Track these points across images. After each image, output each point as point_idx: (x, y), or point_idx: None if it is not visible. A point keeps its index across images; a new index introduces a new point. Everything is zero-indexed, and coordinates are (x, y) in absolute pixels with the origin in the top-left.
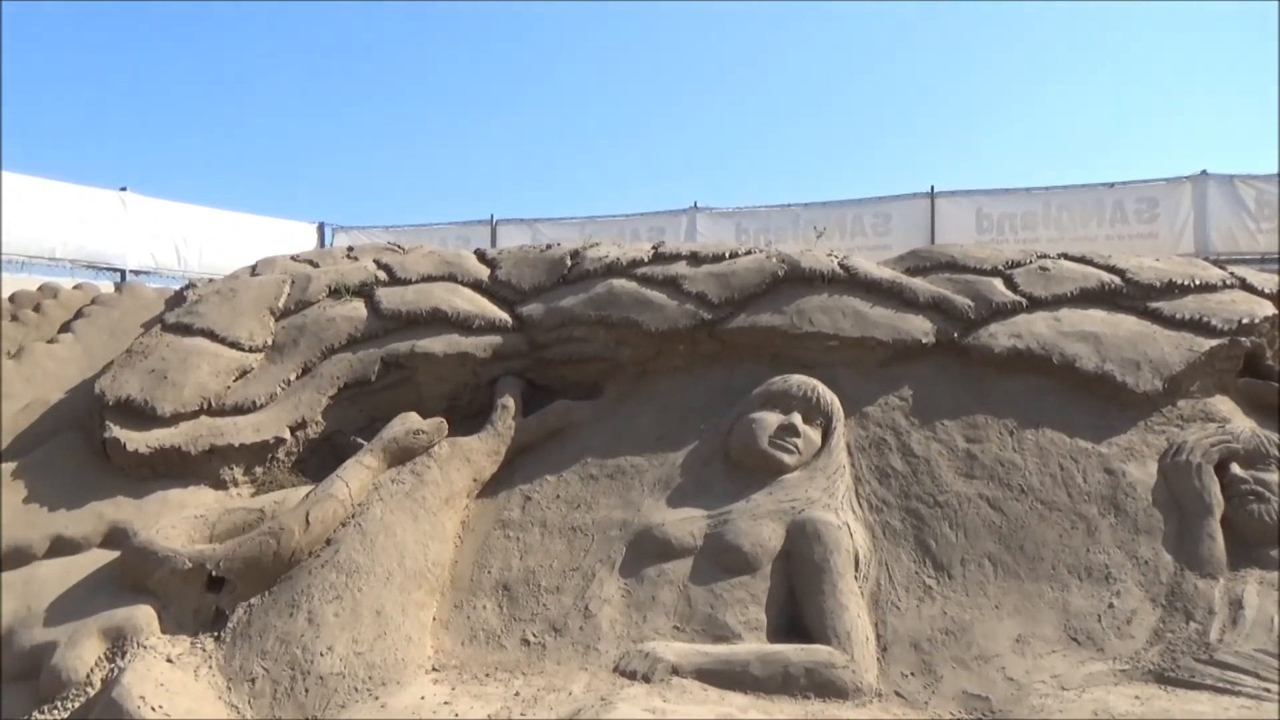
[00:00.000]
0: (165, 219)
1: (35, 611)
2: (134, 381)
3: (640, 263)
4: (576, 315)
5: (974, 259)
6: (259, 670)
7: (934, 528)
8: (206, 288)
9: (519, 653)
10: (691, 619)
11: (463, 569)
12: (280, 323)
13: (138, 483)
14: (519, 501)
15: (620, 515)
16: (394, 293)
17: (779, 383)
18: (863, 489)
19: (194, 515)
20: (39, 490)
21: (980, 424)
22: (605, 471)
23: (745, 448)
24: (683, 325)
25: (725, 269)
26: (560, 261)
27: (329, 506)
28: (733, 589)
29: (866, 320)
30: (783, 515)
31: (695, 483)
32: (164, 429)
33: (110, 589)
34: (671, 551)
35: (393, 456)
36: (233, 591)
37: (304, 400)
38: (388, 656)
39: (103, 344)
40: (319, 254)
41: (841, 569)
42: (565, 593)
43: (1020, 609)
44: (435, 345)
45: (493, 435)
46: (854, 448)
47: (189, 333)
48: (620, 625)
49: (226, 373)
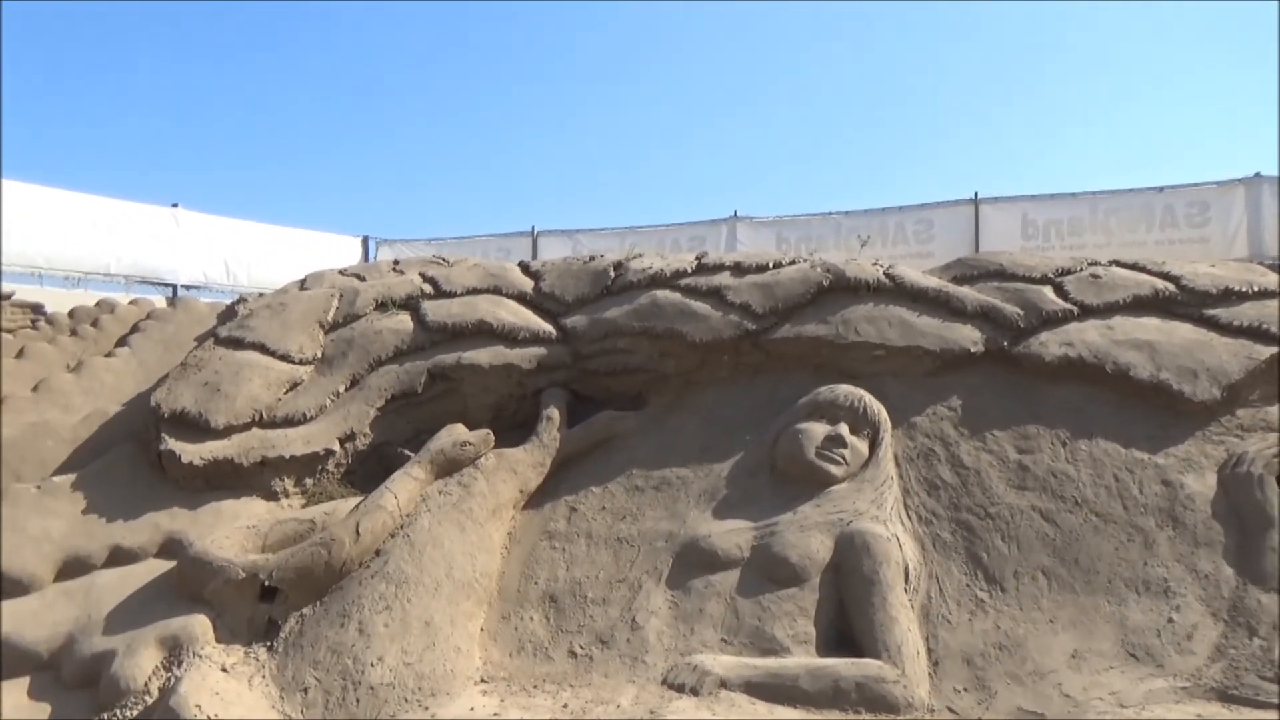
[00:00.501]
0: (215, 235)
1: (95, 620)
2: (188, 394)
3: (683, 273)
4: (620, 326)
5: (1023, 266)
6: (311, 680)
7: (985, 540)
8: (257, 302)
9: (566, 664)
10: (739, 631)
11: (509, 580)
12: (329, 336)
13: (192, 494)
14: (565, 513)
15: (666, 527)
16: (440, 305)
17: (825, 393)
18: (911, 500)
19: (246, 526)
20: (98, 501)
21: (1032, 434)
22: (650, 483)
23: (792, 459)
24: (727, 336)
25: (769, 279)
26: (604, 273)
27: (378, 518)
28: (781, 601)
29: (913, 330)
30: (831, 527)
31: (741, 494)
32: (217, 441)
33: (167, 598)
34: (718, 563)
35: (440, 468)
36: (285, 601)
37: (352, 412)
38: (437, 667)
39: (158, 358)
40: (366, 268)
41: (891, 582)
42: (612, 604)
43: (1076, 623)
44: (481, 357)
45: (538, 447)
46: (902, 459)
47: (241, 346)
48: (667, 637)
49: (277, 385)
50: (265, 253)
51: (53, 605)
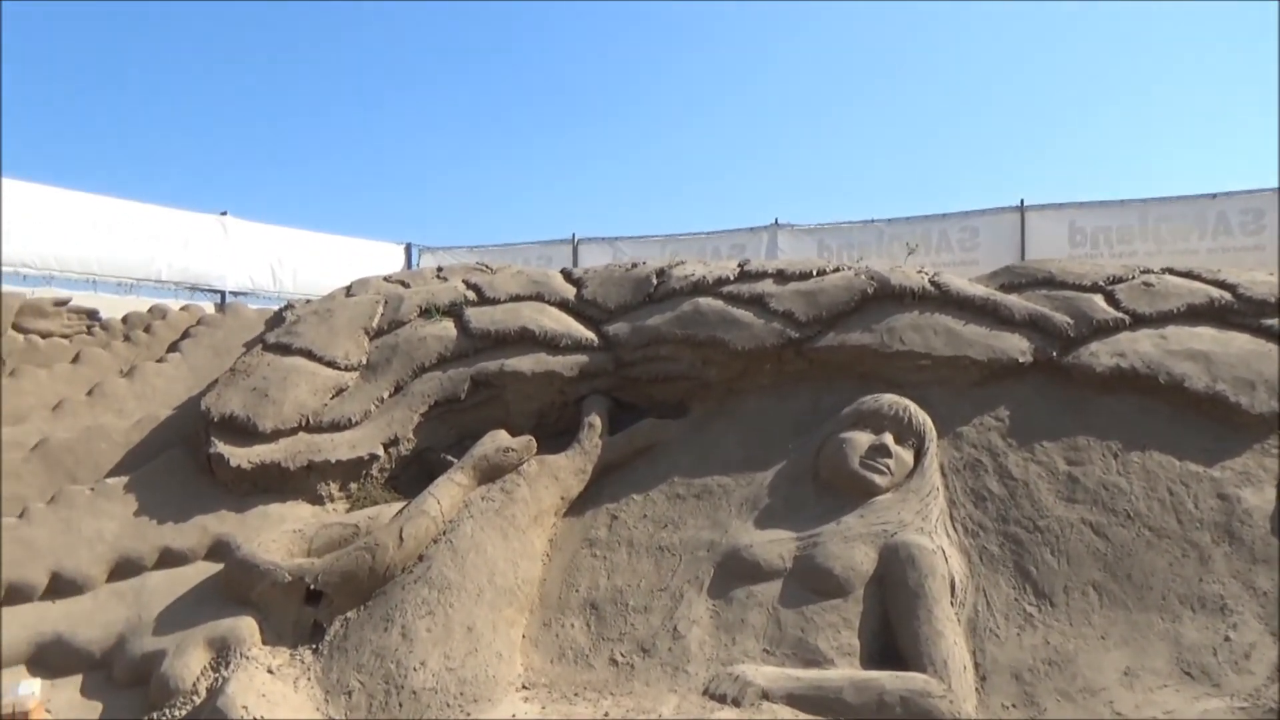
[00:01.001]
0: (262, 242)
1: (145, 620)
2: (237, 399)
3: (726, 281)
4: (662, 334)
5: (1073, 275)
6: (355, 684)
7: (1034, 553)
8: (304, 308)
9: (608, 672)
10: (782, 642)
11: (551, 587)
12: (374, 342)
13: (240, 497)
14: (606, 520)
15: (708, 535)
16: (483, 312)
17: (869, 402)
18: (958, 512)
19: (292, 529)
20: (149, 503)
21: (1082, 446)
22: (692, 491)
23: (835, 468)
24: (770, 344)
25: (813, 287)
26: (646, 280)
27: (422, 523)
28: (824, 613)
29: (960, 338)
30: (875, 538)
31: (784, 504)
32: (265, 445)
33: (215, 600)
34: (760, 573)
35: (483, 474)
36: (330, 605)
37: (396, 418)
38: (479, 673)
39: (208, 363)
40: (410, 275)
41: (937, 594)
42: (653, 613)
43: (1128, 640)
44: (523, 364)
45: (580, 454)
46: (948, 469)
47: (288, 352)
48: (709, 647)
49: (324, 391)
50: (310, 259)
51: (105, 605)
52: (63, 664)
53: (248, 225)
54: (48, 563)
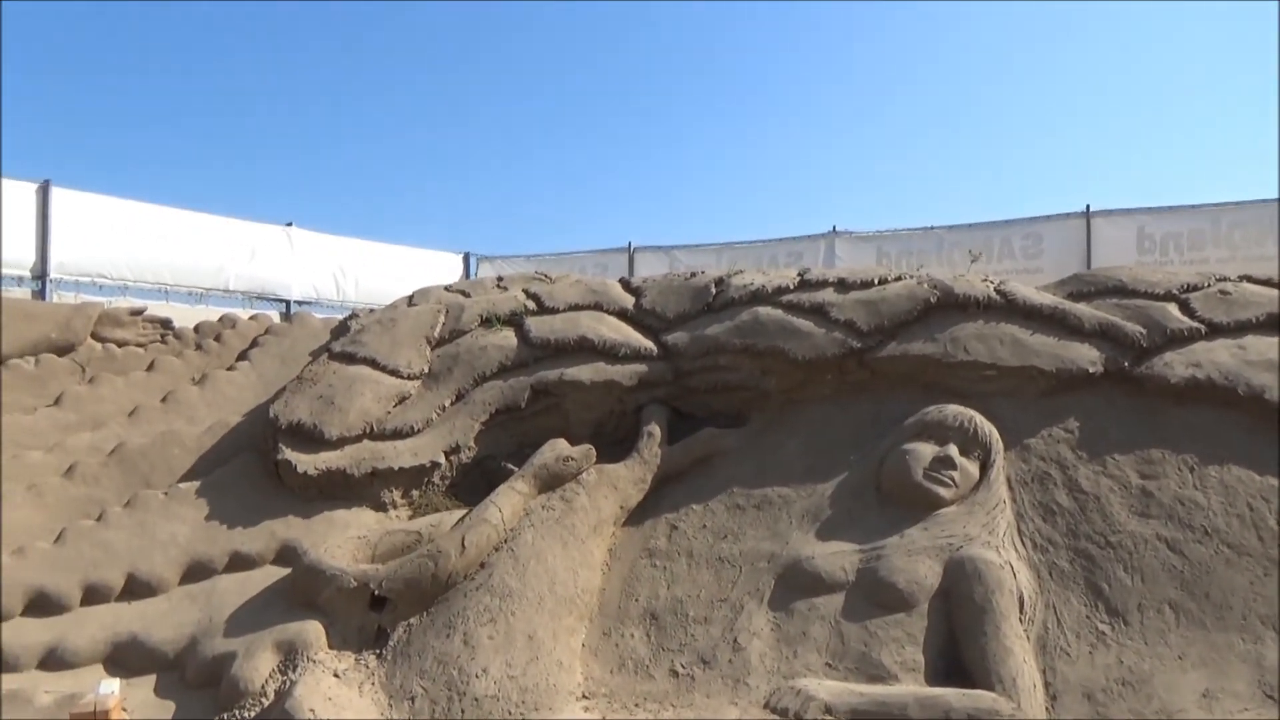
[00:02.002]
0: (325, 251)
1: (216, 623)
2: (304, 406)
3: (786, 290)
4: (722, 343)
5: (1144, 283)
6: (418, 689)
7: (1106, 570)
8: (368, 318)
9: (668, 683)
10: (844, 656)
11: (610, 596)
12: (436, 351)
13: (306, 503)
14: (665, 530)
15: (768, 547)
16: (543, 321)
17: (933, 413)
18: (1025, 526)
19: (357, 536)
20: (219, 508)
21: (1156, 459)
22: (752, 502)
23: (898, 480)
24: (830, 354)
25: (874, 295)
26: (705, 289)
27: (483, 531)
28: (888, 627)
29: (1026, 348)
30: (940, 552)
31: (845, 515)
32: (330, 451)
33: (282, 604)
34: (822, 586)
35: (543, 483)
36: (394, 611)
37: (458, 426)
38: (540, 681)
39: (276, 371)
40: (471, 284)
41: (1005, 610)
42: (713, 624)
43: (1206, 661)
44: (583, 373)
45: (639, 463)
46: (1015, 482)
47: (353, 361)
48: (770, 660)
49: (387, 399)
50: (372, 268)
51: (178, 607)
52: (138, 664)
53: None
54: (124, 564)
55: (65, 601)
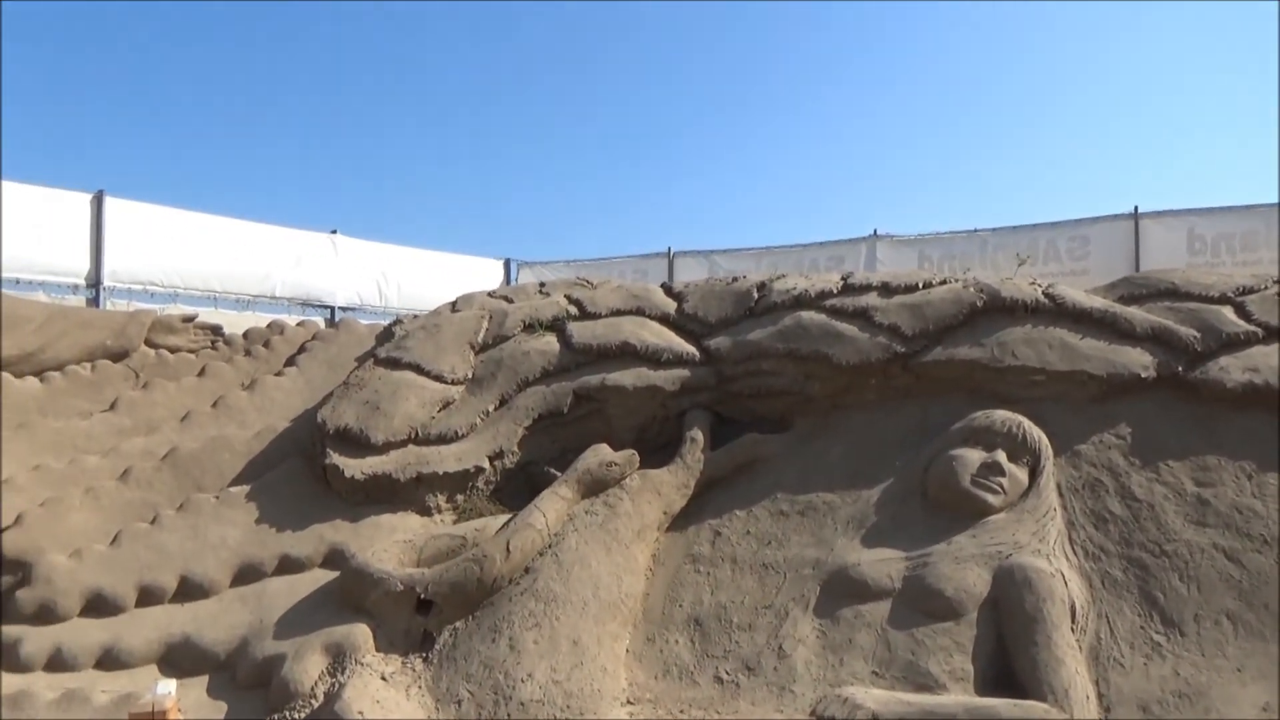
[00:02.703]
0: (369, 258)
1: (266, 625)
2: (350, 412)
3: (829, 294)
4: (764, 348)
5: (1198, 285)
6: (464, 693)
7: (1161, 579)
8: (412, 323)
9: (712, 690)
10: (891, 665)
11: (654, 602)
12: (479, 356)
13: (353, 507)
14: (709, 536)
15: (813, 553)
16: (585, 327)
17: (981, 418)
18: (1077, 534)
19: (403, 540)
20: (269, 512)
21: (1212, 466)
22: (796, 508)
23: (945, 486)
24: (875, 358)
25: (919, 299)
26: (747, 294)
27: (527, 536)
28: (936, 635)
29: (1076, 353)
30: (988, 559)
31: (891, 522)
32: (377, 456)
33: (330, 607)
34: (868, 593)
35: (586, 488)
36: (440, 615)
37: (501, 431)
38: (584, 686)
39: (322, 376)
40: (513, 290)
41: (1056, 620)
42: (758, 631)
43: (1267, 673)
44: (625, 378)
45: (682, 468)
46: (1065, 489)
47: (398, 366)
48: (816, 667)
49: (432, 404)
50: (414, 274)
51: (229, 609)
52: (190, 664)
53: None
54: (177, 567)
55: (121, 603)
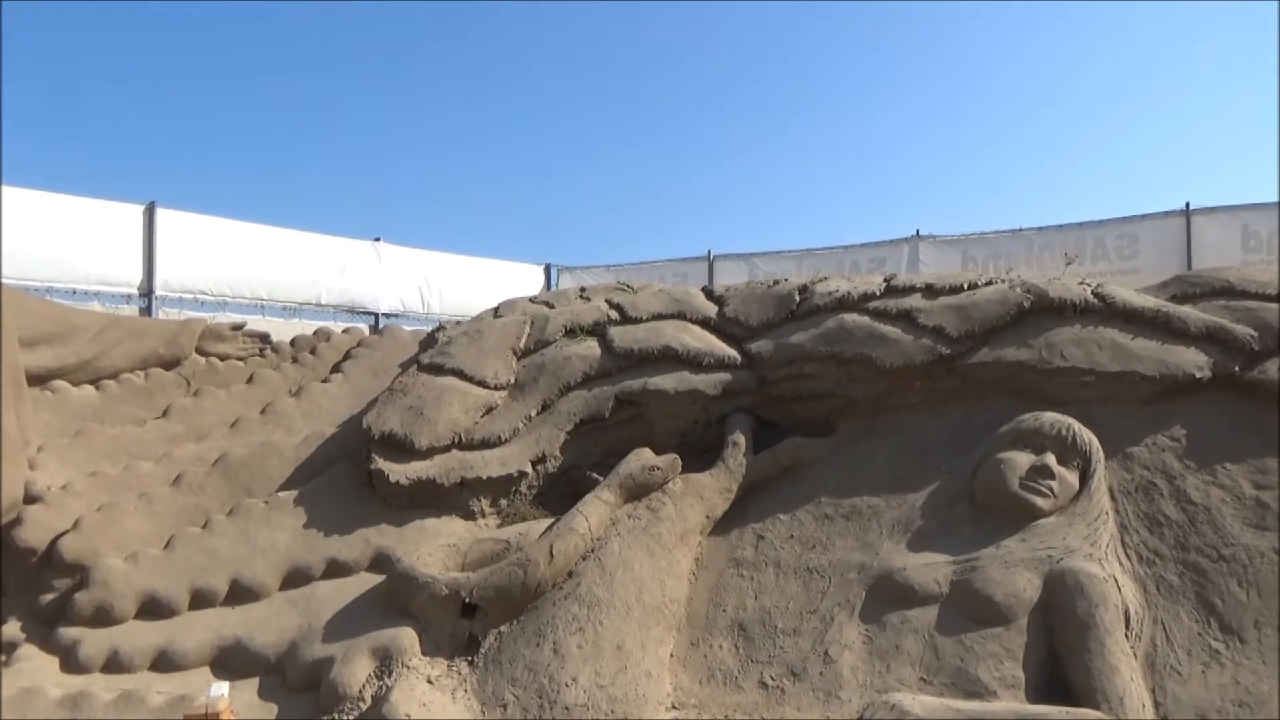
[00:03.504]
0: (412, 265)
1: (315, 628)
2: (395, 417)
3: (872, 296)
4: (807, 351)
5: (1254, 283)
6: (510, 697)
7: (1219, 585)
8: (455, 329)
9: (757, 695)
10: (940, 671)
11: (697, 606)
12: (522, 361)
13: (398, 511)
14: (752, 540)
15: (858, 557)
16: (626, 331)
17: (1029, 420)
18: (1130, 538)
19: (447, 544)
20: (316, 516)
21: (1270, 468)
22: (840, 511)
23: (993, 490)
24: (919, 360)
25: (964, 301)
26: (789, 297)
27: (570, 540)
28: (985, 641)
29: (1128, 353)
30: (1039, 564)
31: (938, 526)
32: (421, 461)
33: (377, 610)
34: (915, 598)
35: (629, 492)
36: (484, 618)
37: (544, 436)
38: (629, 691)
39: (367, 382)
40: (554, 295)
41: (1110, 626)
42: (803, 636)
43: None
44: (667, 383)
45: (725, 472)
46: (1118, 492)
47: (441, 372)
48: (862, 673)
49: (475, 409)
50: (456, 281)
51: (279, 612)
52: (242, 667)
53: (399, 250)
54: (228, 570)
55: (175, 605)
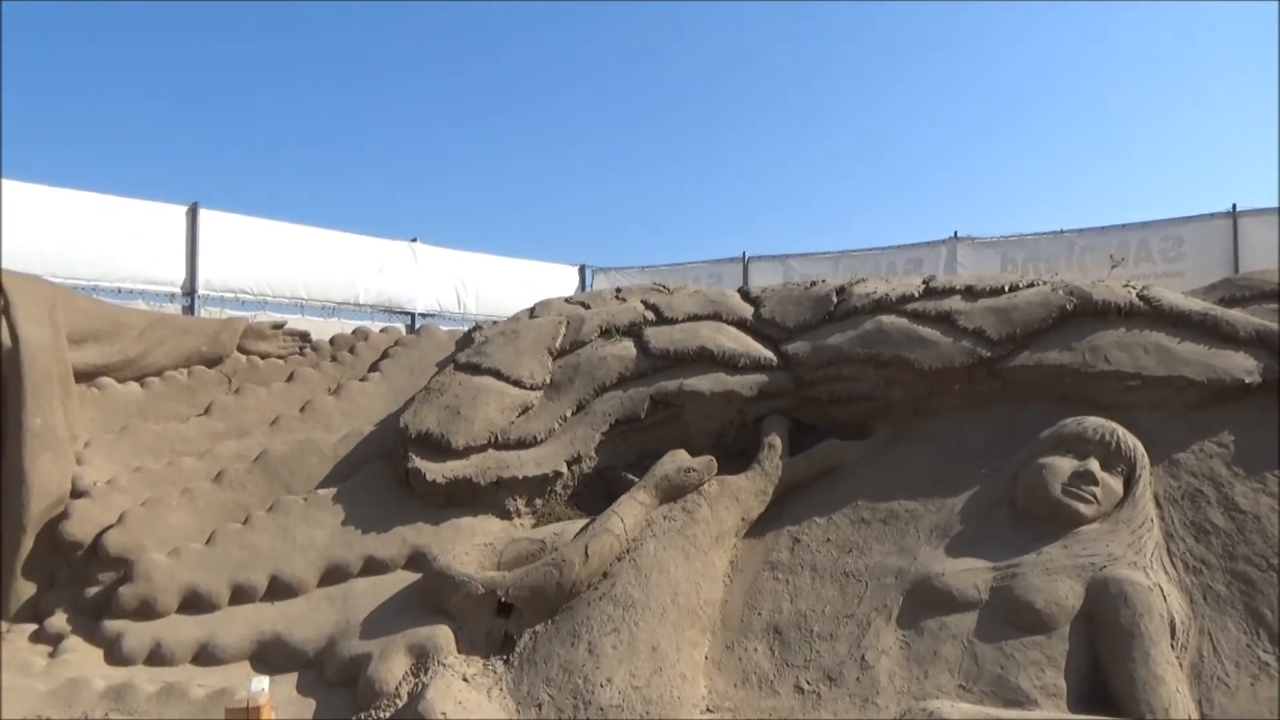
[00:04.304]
0: (447, 266)
1: (352, 624)
2: (432, 416)
3: (911, 298)
4: (844, 353)
5: None
6: (545, 697)
7: (1268, 594)
8: (491, 329)
9: (793, 699)
10: (979, 678)
11: (732, 609)
12: (557, 362)
13: (435, 510)
14: (787, 543)
15: (895, 562)
16: (661, 332)
17: (1072, 425)
18: (1176, 546)
19: (483, 543)
20: (354, 514)
21: None
22: (878, 515)
23: (1034, 495)
24: (959, 363)
25: (1005, 303)
26: (825, 298)
27: (606, 541)
28: (1025, 649)
29: (1174, 357)
30: (1081, 572)
31: (977, 531)
32: (457, 460)
33: (414, 608)
34: (954, 604)
35: (664, 493)
36: (520, 618)
37: (579, 436)
38: (664, 693)
39: (405, 381)
40: (590, 296)
41: (1154, 635)
42: (839, 640)
43: None
44: (702, 384)
45: (760, 474)
46: (1163, 499)
47: (478, 371)
48: (899, 679)
49: (511, 409)
50: (491, 281)
51: (317, 608)
52: (280, 662)
53: (435, 250)
54: (268, 566)
55: (216, 600)
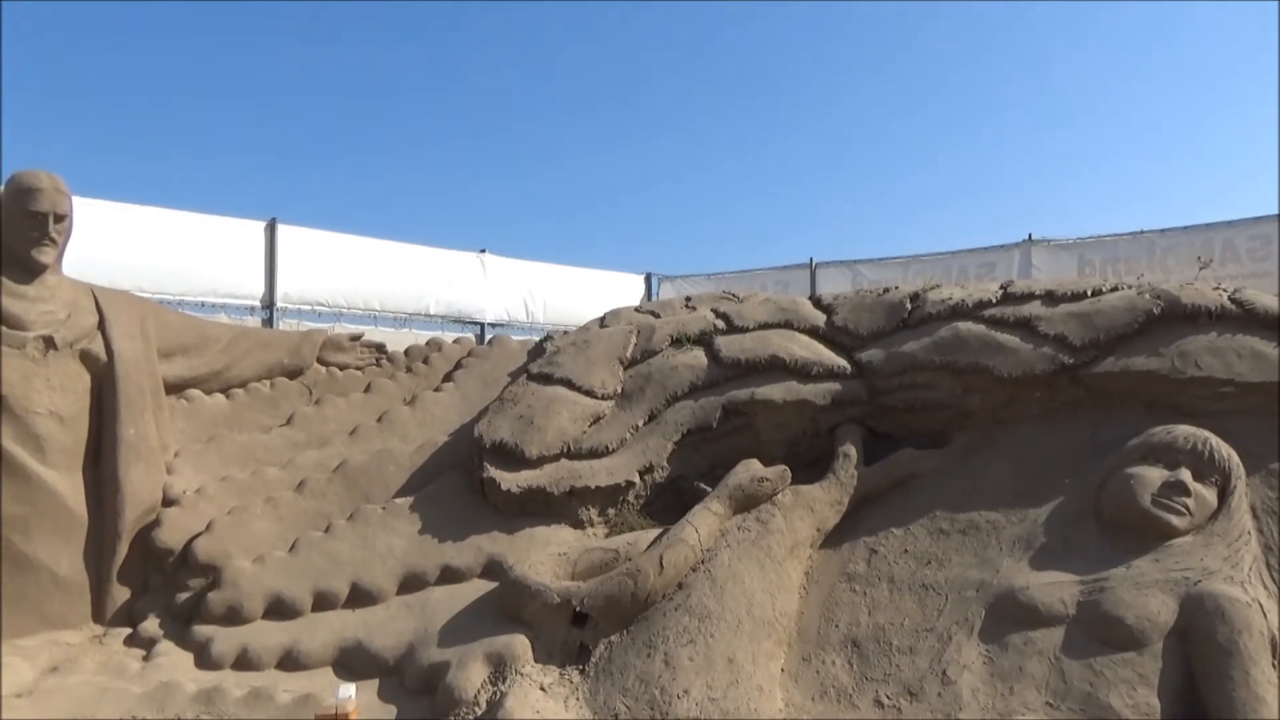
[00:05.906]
0: (516, 276)
1: (430, 632)
2: (505, 426)
3: (988, 304)
4: (919, 361)
5: None
6: (621, 707)
7: None
8: (563, 339)
9: (872, 714)
10: (1067, 696)
11: (808, 621)
12: (628, 371)
13: (509, 519)
14: (864, 554)
15: (976, 575)
16: (732, 341)
17: (1161, 434)
18: (1275, 560)
19: (557, 552)
20: (431, 523)
21: None
22: (957, 526)
23: (1122, 507)
24: (1039, 370)
25: (1087, 308)
26: (899, 305)
27: (680, 551)
28: (1116, 666)
29: (1270, 362)
30: (1174, 586)
31: (1062, 543)
32: (531, 470)
33: (490, 617)
34: (1039, 619)
35: (738, 503)
36: (595, 628)
37: (651, 445)
38: (740, 705)
39: (477, 391)
40: (660, 305)
41: (1254, 654)
42: (919, 654)
43: None
44: (774, 392)
45: (835, 484)
46: (1261, 511)
47: (550, 381)
48: (983, 695)
49: (583, 419)
50: (559, 291)
51: (396, 616)
52: (362, 668)
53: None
54: (349, 574)
55: (299, 607)
